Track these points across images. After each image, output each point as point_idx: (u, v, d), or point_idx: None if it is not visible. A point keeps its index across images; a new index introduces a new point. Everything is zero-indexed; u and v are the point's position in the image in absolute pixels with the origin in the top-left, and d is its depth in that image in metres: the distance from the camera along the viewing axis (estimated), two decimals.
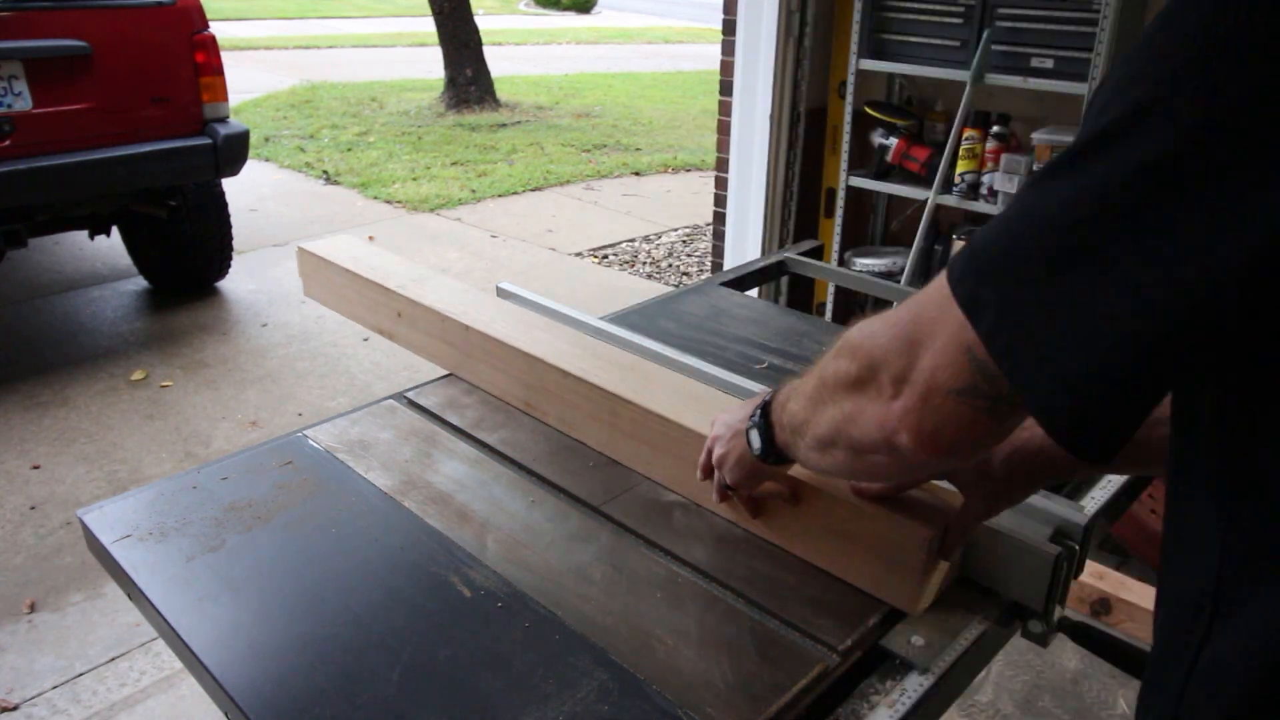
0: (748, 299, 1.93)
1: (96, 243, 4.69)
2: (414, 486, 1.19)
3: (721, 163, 3.74)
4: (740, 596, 1.00)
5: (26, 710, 2.03)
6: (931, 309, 0.60)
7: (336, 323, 3.94)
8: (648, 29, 17.61)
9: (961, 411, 0.59)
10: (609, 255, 5.15)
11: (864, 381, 0.67)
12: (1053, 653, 2.19)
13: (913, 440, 0.62)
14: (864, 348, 0.66)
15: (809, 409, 0.77)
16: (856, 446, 0.70)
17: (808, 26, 3.33)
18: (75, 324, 4.03)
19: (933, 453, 0.62)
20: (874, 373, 0.65)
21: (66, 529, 2.63)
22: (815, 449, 0.78)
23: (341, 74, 10.47)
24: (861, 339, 0.67)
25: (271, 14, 16.13)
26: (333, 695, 0.86)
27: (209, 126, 3.75)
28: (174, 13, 3.61)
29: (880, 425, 0.64)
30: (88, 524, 1.12)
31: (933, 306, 0.60)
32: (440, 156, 7.06)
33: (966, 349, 0.56)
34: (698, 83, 10.86)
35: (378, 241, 4.76)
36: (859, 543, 0.99)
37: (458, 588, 1.00)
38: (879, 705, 0.89)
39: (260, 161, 6.83)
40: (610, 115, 8.97)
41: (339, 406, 3.33)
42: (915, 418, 0.61)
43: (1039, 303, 0.51)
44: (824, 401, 0.73)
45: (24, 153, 3.23)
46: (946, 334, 0.58)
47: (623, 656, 0.91)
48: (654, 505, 1.16)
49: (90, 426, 3.20)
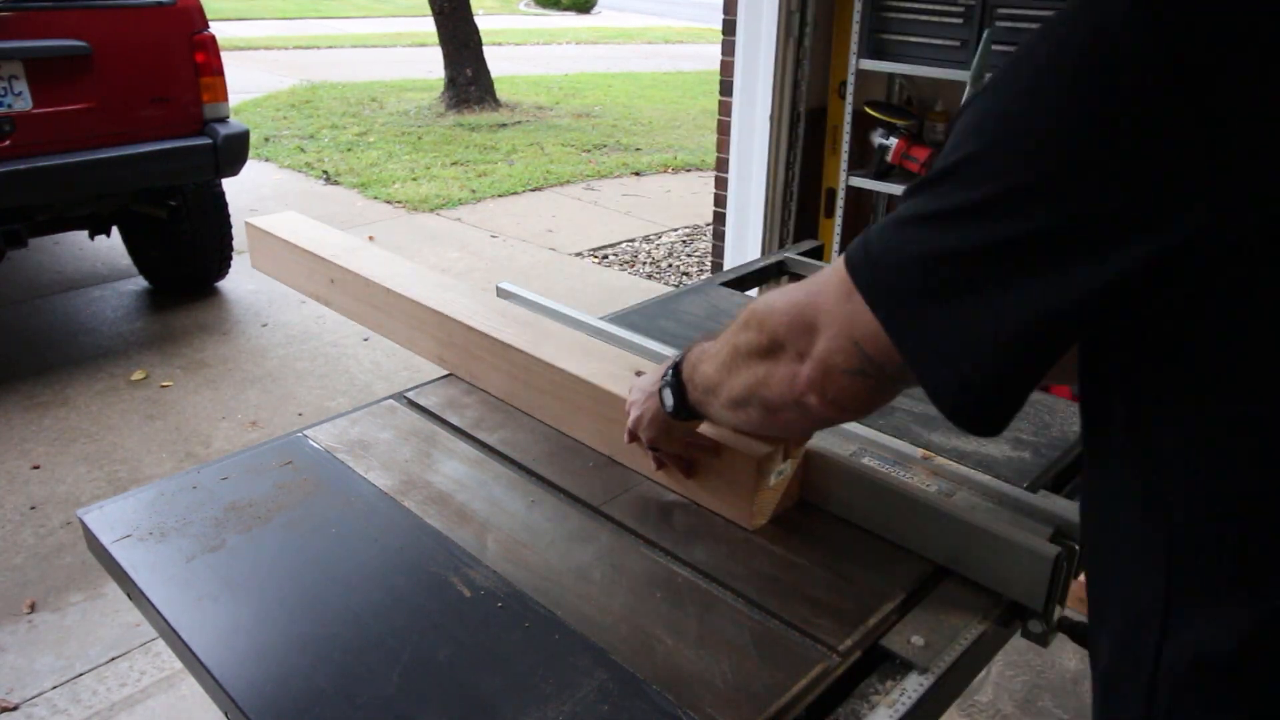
0: (748, 299, 1.93)
1: (96, 243, 4.70)
2: (414, 486, 1.19)
3: (721, 163, 3.74)
4: (740, 596, 1.00)
5: (26, 710, 2.03)
6: (828, 297, 0.68)
7: (336, 323, 3.94)
8: (648, 29, 17.61)
9: (856, 385, 0.68)
10: (609, 255, 5.15)
11: (772, 351, 0.76)
12: (1053, 653, 2.19)
13: (820, 402, 0.72)
14: (768, 324, 0.76)
15: (722, 373, 0.86)
16: (769, 406, 0.79)
17: (808, 26, 3.33)
18: (75, 324, 4.03)
19: (836, 413, 0.73)
20: (780, 345, 0.75)
21: (66, 529, 2.63)
22: (729, 407, 0.87)
23: (341, 74, 10.48)
24: (766, 314, 0.76)
25: (271, 14, 16.13)
26: (333, 695, 0.86)
27: (209, 126, 3.75)
28: (174, 13, 3.61)
29: (790, 388, 0.74)
30: (88, 524, 1.12)
31: (830, 295, 0.67)
32: (440, 156, 7.06)
33: (855, 341, 0.65)
34: (698, 83, 10.86)
35: (378, 241, 4.76)
36: (709, 471, 1.12)
37: (458, 588, 1.00)
38: (879, 705, 0.89)
39: (260, 161, 6.83)
40: (610, 115, 8.97)
41: (339, 406, 3.33)
42: (819, 386, 0.71)
43: (929, 321, 0.59)
44: (737, 367, 0.82)
45: (24, 153, 3.23)
46: (838, 325, 0.67)
47: (623, 656, 0.91)
48: (654, 505, 1.16)
49: (90, 426, 3.20)
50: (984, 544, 1.01)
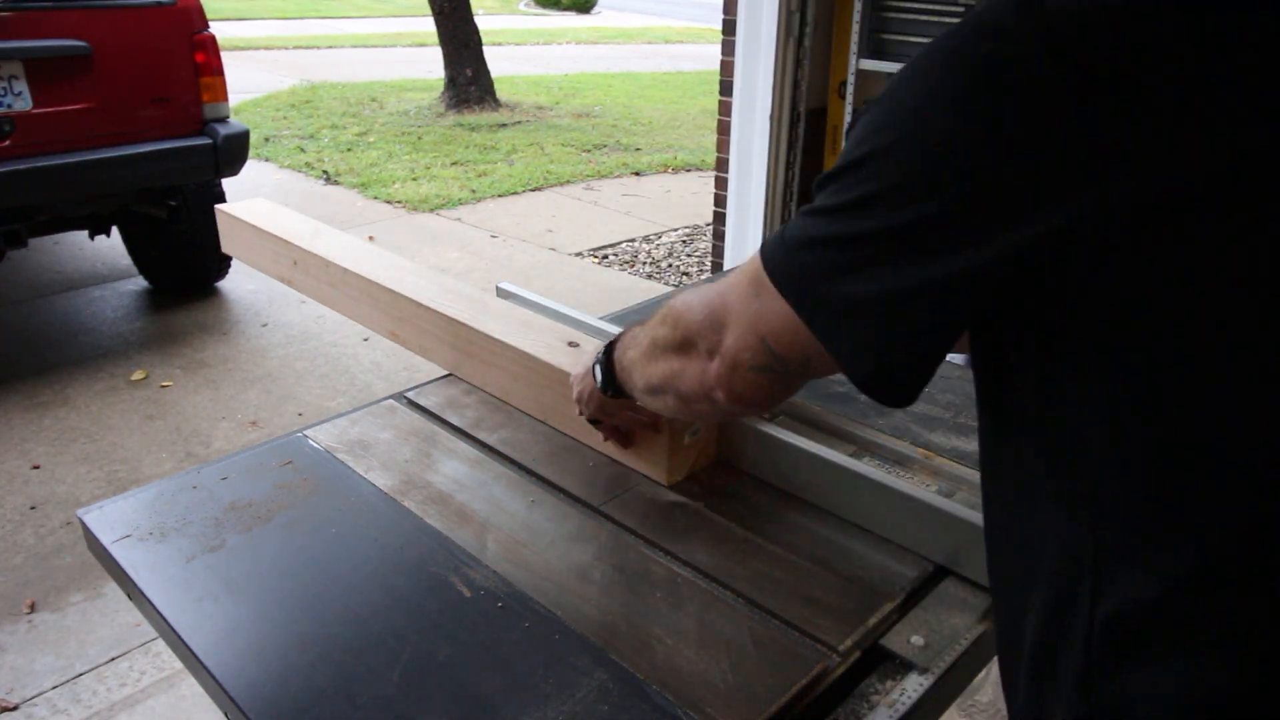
0: None
1: (96, 243, 4.70)
2: (414, 486, 1.19)
3: (721, 163, 3.74)
4: (740, 596, 1.00)
5: (26, 710, 2.03)
6: (736, 297, 0.73)
7: (336, 323, 3.94)
8: (648, 29, 17.61)
9: (761, 381, 0.73)
10: (609, 255, 5.14)
11: (685, 347, 0.82)
12: None
13: (727, 398, 0.77)
14: (683, 320, 0.81)
15: (643, 362, 0.92)
16: (683, 397, 0.84)
17: (808, 26, 3.33)
18: (75, 324, 4.03)
19: (742, 408, 0.78)
20: (692, 342, 0.80)
21: (66, 529, 2.63)
22: (648, 393, 0.93)
23: (341, 74, 10.47)
24: (682, 310, 0.82)
25: (271, 14, 16.13)
26: (333, 695, 0.86)
27: (209, 126, 3.75)
28: (174, 13, 3.61)
29: (701, 383, 0.79)
30: (88, 524, 1.12)
31: (738, 294, 0.72)
32: (440, 156, 7.06)
33: (761, 338, 0.70)
34: (698, 83, 10.86)
35: (378, 241, 4.77)
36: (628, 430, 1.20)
37: (458, 587, 1.00)
38: (879, 705, 0.89)
39: (260, 161, 6.83)
40: (610, 115, 8.97)
41: (339, 406, 3.33)
42: (726, 383, 0.76)
43: (836, 300, 0.63)
44: (655, 358, 0.88)
45: (24, 153, 3.23)
46: (746, 323, 0.71)
47: (623, 656, 0.91)
48: (654, 505, 1.16)
49: (90, 426, 3.20)
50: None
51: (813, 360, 0.68)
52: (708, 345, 0.77)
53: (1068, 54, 0.52)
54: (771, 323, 0.68)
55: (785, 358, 0.70)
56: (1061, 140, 0.52)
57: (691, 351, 0.80)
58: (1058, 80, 0.52)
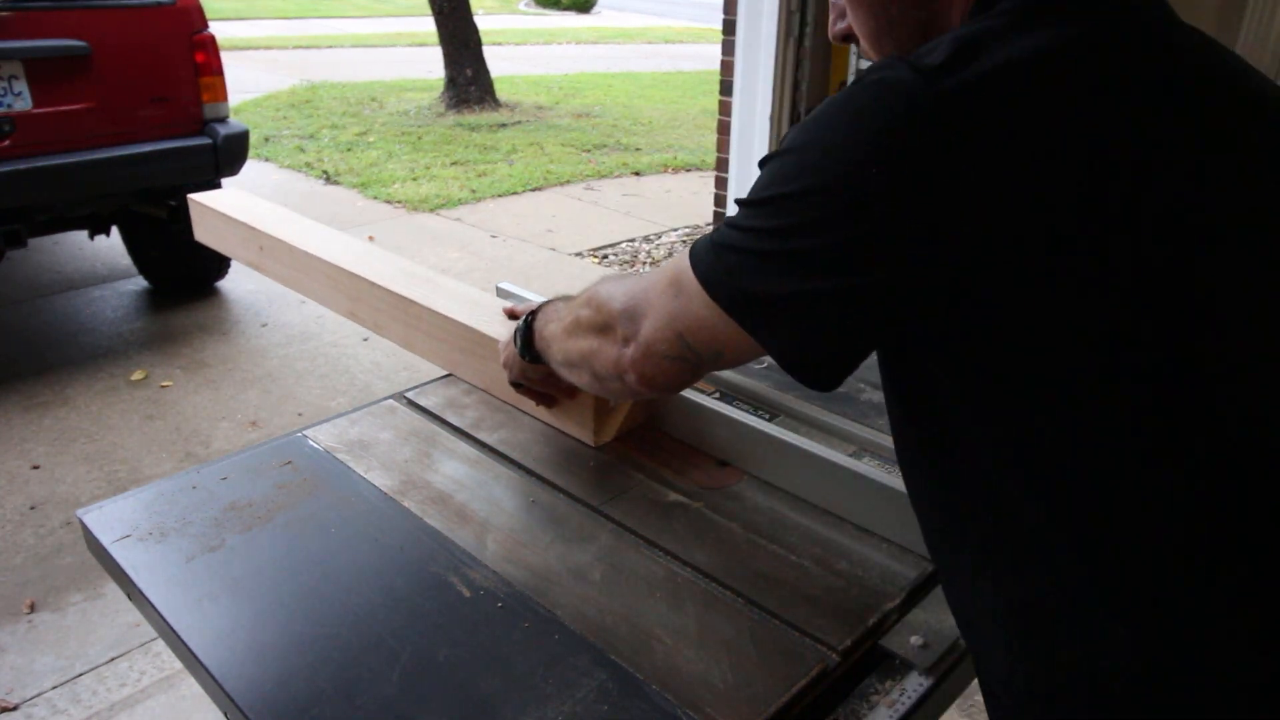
0: None
1: (96, 243, 4.70)
2: (414, 486, 1.19)
3: (721, 163, 3.74)
4: (740, 596, 1.00)
5: (26, 710, 2.03)
6: (658, 294, 0.80)
7: (336, 323, 3.94)
8: (648, 29, 17.62)
9: (672, 368, 0.82)
10: (609, 255, 5.15)
11: (604, 329, 0.89)
12: None
13: (638, 380, 0.85)
14: (605, 308, 0.89)
15: (562, 337, 1.00)
16: (597, 374, 0.92)
17: (808, 26, 3.33)
18: (75, 324, 4.03)
19: (652, 390, 0.87)
20: (611, 328, 0.88)
21: (66, 529, 2.63)
22: (565, 366, 1.01)
23: (341, 74, 10.47)
24: (605, 299, 0.89)
25: (271, 14, 16.14)
26: (333, 695, 0.86)
27: (209, 126, 3.75)
28: (174, 13, 3.61)
29: (615, 365, 0.87)
30: (87, 524, 1.12)
31: (659, 291, 0.80)
32: (440, 156, 7.06)
33: (678, 333, 0.78)
34: (698, 83, 10.86)
35: (378, 241, 4.77)
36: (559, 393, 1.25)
37: (457, 588, 1.00)
38: (879, 705, 0.89)
39: (260, 161, 6.83)
40: (610, 115, 8.97)
41: (339, 406, 3.33)
42: (639, 367, 0.84)
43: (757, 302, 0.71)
44: (576, 335, 0.96)
45: (24, 153, 3.23)
46: (665, 317, 0.79)
47: (622, 656, 0.91)
48: (654, 505, 1.16)
49: (90, 426, 3.20)
50: None
51: (725, 353, 0.78)
52: (625, 332, 0.85)
53: (910, 176, 0.63)
54: (689, 319, 0.77)
55: (698, 350, 0.79)
56: (897, 222, 0.64)
57: (610, 335, 0.88)
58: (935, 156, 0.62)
